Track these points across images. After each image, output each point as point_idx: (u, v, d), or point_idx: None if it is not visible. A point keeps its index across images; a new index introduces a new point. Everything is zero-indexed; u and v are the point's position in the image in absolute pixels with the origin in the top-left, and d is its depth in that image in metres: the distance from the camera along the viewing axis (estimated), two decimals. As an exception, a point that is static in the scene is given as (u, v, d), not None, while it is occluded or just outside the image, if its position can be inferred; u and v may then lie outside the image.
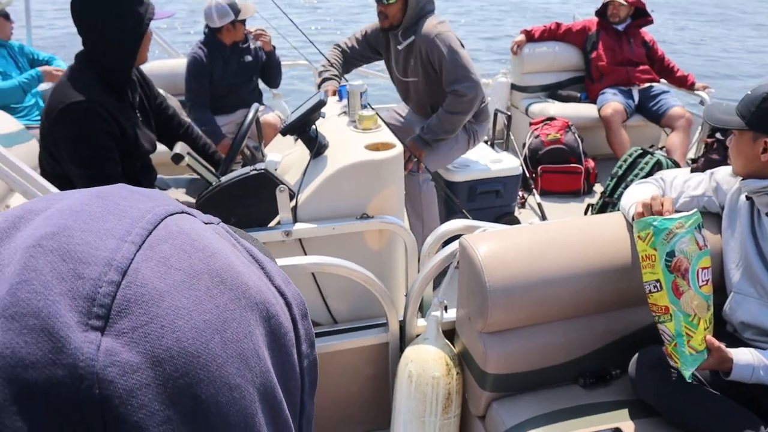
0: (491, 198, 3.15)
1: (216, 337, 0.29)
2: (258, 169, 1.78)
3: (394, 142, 2.02)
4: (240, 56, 3.43)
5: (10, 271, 0.27)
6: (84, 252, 0.28)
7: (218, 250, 0.33)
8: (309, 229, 1.88)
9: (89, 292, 0.27)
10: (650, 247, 1.49)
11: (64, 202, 0.31)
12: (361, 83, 2.20)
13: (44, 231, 0.28)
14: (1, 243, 0.29)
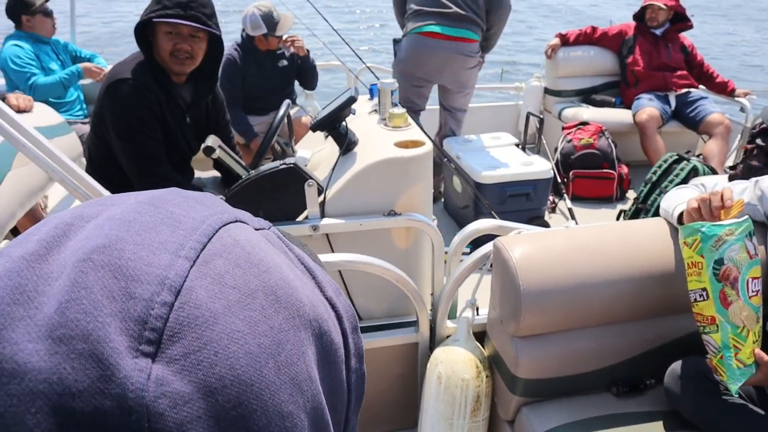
0: (521, 201, 3.10)
1: (270, 362, 0.28)
2: (288, 163, 1.78)
3: (423, 139, 2.01)
4: (275, 61, 3.44)
5: (59, 286, 0.25)
6: (136, 268, 0.26)
7: (273, 264, 0.31)
8: (336, 224, 1.87)
9: (141, 314, 0.25)
10: (697, 254, 1.42)
11: (116, 210, 0.30)
12: (393, 81, 2.19)
13: (95, 243, 0.27)
14: (49, 253, 0.27)
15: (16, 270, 0.26)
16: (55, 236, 0.28)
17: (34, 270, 0.26)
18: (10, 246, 0.28)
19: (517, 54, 11.52)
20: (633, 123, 3.87)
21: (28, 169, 2.28)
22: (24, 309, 0.25)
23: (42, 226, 0.29)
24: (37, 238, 0.28)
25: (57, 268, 0.26)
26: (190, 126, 2.10)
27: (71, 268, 0.26)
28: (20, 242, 0.28)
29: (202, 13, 1.90)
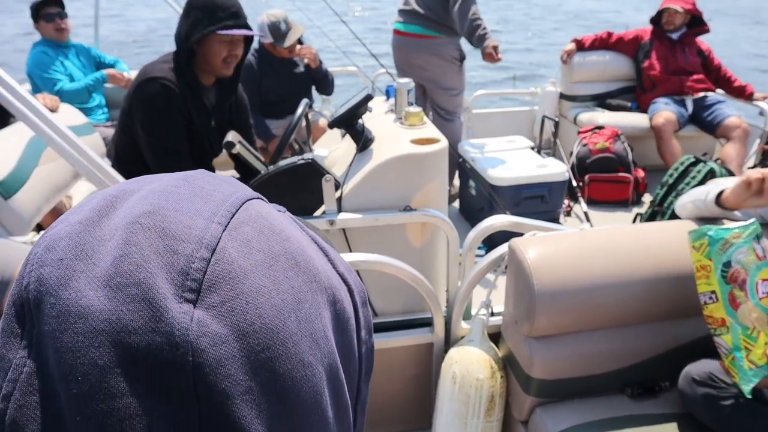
0: (536, 203, 3.11)
1: (292, 316, 0.31)
2: (305, 158, 1.82)
3: (439, 137, 2.03)
4: (291, 67, 3.47)
5: (113, 244, 0.30)
6: (177, 230, 0.30)
7: (292, 235, 0.35)
8: (353, 219, 1.90)
9: (183, 266, 0.29)
10: (705, 257, 1.44)
11: (155, 184, 0.34)
12: (408, 80, 2.23)
13: (141, 209, 0.31)
14: (101, 219, 0.31)
15: (75, 232, 0.31)
16: (104, 206, 0.32)
17: (90, 232, 0.31)
18: (67, 215, 0.33)
19: (534, 58, 11.51)
20: (649, 127, 3.86)
21: (54, 166, 2.35)
22: (84, 263, 0.29)
23: (91, 198, 0.33)
24: (89, 208, 0.32)
25: (109, 230, 0.30)
26: (214, 129, 2.18)
27: (122, 230, 0.30)
28: (75, 212, 0.32)
29: (246, 18, 2.04)
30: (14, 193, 2.06)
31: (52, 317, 0.28)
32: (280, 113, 3.50)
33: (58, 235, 0.31)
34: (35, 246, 0.31)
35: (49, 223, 2.53)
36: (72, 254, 0.30)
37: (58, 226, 0.32)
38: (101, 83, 3.49)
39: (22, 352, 0.29)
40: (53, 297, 0.28)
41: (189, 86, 2.04)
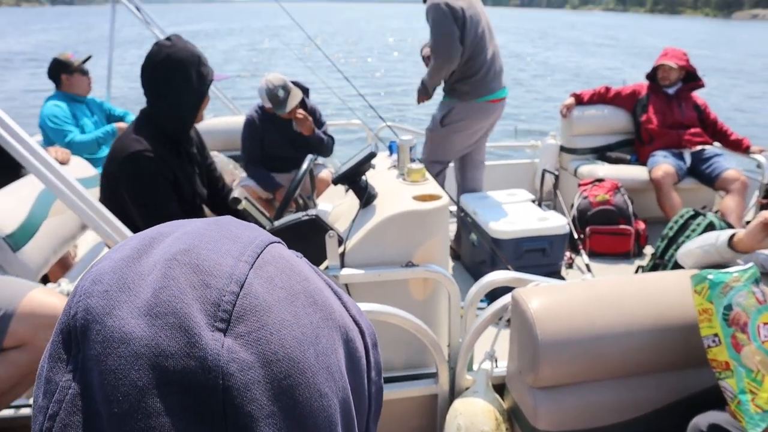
0: (537, 256, 3.13)
1: (311, 349, 0.35)
2: (309, 214, 1.86)
3: (440, 193, 2.08)
4: (292, 126, 3.44)
5: (152, 278, 0.33)
6: (210, 266, 0.34)
7: (310, 276, 0.39)
8: (356, 275, 1.92)
9: (215, 299, 0.33)
10: (706, 300, 1.47)
11: (189, 227, 0.39)
12: (411, 138, 2.29)
13: (178, 248, 0.35)
14: (141, 257, 0.36)
15: (118, 267, 0.35)
16: (144, 245, 0.37)
17: (131, 267, 0.35)
18: (110, 252, 0.37)
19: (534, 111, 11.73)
20: (649, 180, 3.91)
21: (62, 218, 2.39)
22: (126, 295, 0.33)
23: (130, 240, 0.38)
24: (130, 246, 0.37)
25: (148, 266, 0.34)
26: (198, 174, 2.22)
27: (161, 265, 0.34)
28: (117, 250, 0.37)
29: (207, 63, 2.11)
30: (23, 245, 2.09)
31: (98, 342, 0.31)
32: (283, 168, 3.56)
33: (103, 269, 0.35)
34: (82, 279, 0.35)
35: (56, 273, 2.56)
36: (116, 286, 0.33)
37: (103, 263, 0.36)
38: (111, 136, 3.59)
39: (68, 375, 0.32)
40: (99, 324, 0.32)
41: (169, 147, 2.07)
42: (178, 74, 1.98)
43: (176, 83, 1.99)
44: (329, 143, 3.60)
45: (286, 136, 3.47)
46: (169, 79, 1.98)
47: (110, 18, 3.93)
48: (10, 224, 2.06)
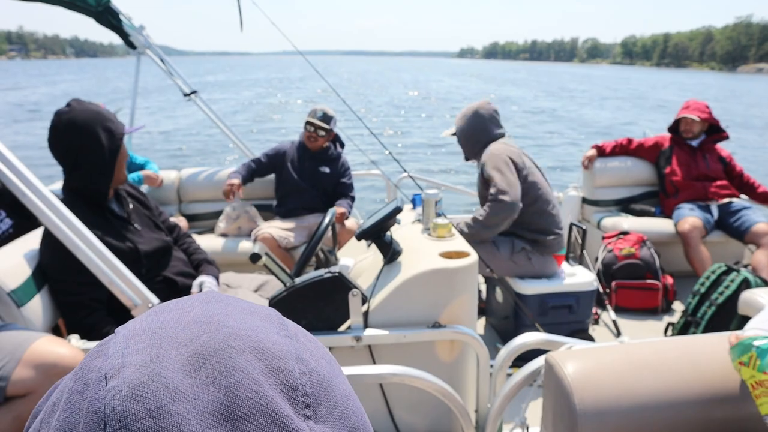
0: (564, 313, 3.01)
1: (364, 414, 0.34)
2: (332, 272, 1.78)
3: (468, 250, 2.00)
4: (317, 163, 3.62)
5: (212, 372, 0.28)
6: (267, 348, 0.30)
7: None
8: (380, 336, 1.83)
9: (291, 383, 0.29)
10: (759, 371, 1.33)
11: (198, 310, 0.33)
12: (436, 192, 2.23)
13: (223, 332, 0.30)
14: (166, 354, 0.29)
15: (153, 375, 0.28)
16: (155, 343, 0.30)
17: (167, 369, 0.29)
18: (120, 362, 0.30)
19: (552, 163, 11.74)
20: (675, 233, 3.81)
21: None
22: (183, 403, 0.27)
23: (135, 340, 0.31)
24: (150, 343, 0.30)
25: (182, 361, 0.29)
26: (143, 227, 2.14)
27: (220, 355, 0.29)
28: (129, 355, 0.30)
29: (116, 121, 2.04)
30: (27, 301, 2.04)
31: None
32: (298, 211, 3.58)
33: (138, 382, 0.27)
34: (109, 404, 0.27)
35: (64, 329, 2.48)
36: (168, 398, 0.27)
37: (125, 373, 0.28)
38: (138, 184, 3.58)
39: None
40: None
41: (96, 212, 2.02)
42: (84, 136, 1.91)
43: (84, 145, 1.92)
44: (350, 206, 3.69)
45: (307, 170, 3.61)
46: (76, 144, 1.92)
47: (135, 69, 3.98)
48: (16, 279, 2.01)
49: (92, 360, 0.30)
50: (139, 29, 3.80)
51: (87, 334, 1.89)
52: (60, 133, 1.92)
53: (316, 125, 3.54)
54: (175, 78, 3.97)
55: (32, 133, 15.04)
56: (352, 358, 1.90)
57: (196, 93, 4.02)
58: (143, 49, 3.85)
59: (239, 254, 3.45)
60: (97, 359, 0.30)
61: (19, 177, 1.75)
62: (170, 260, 2.13)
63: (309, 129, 3.57)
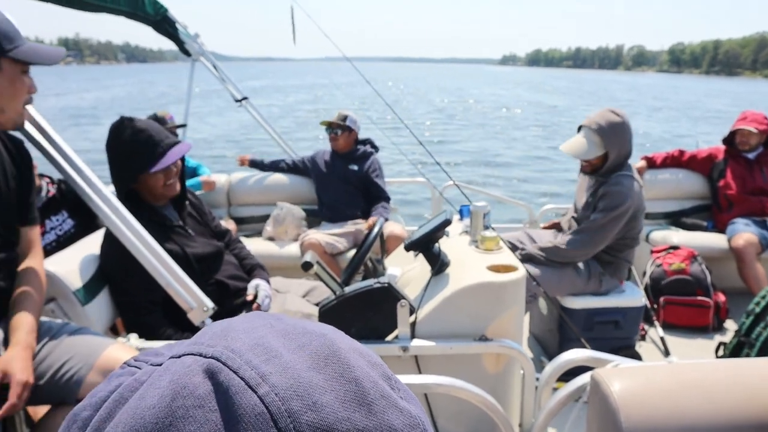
0: (610, 329, 2.95)
1: None
2: (381, 282, 1.80)
3: (516, 264, 1.99)
4: (346, 162, 3.80)
5: (336, 369, 0.33)
6: (358, 348, 0.36)
7: None
8: (427, 347, 1.84)
9: (386, 373, 0.36)
10: None
11: (284, 324, 0.37)
12: (485, 204, 2.22)
13: (327, 338, 0.35)
14: (283, 353, 0.34)
15: (305, 380, 0.33)
16: (269, 351, 0.34)
17: (312, 370, 0.34)
18: (266, 364, 0.34)
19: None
20: (728, 248, 3.69)
21: None
22: (328, 395, 0.32)
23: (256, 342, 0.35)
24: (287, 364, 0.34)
25: (304, 361, 0.33)
26: (196, 232, 2.23)
27: (335, 357, 0.34)
28: (277, 372, 0.34)
29: (165, 137, 2.10)
30: (91, 299, 2.12)
31: None
32: (337, 216, 3.68)
33: (288, 385, 0.32)
34: (271, 405, 0.30)
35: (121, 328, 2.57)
36: (316, 393, 0.31)
37: (270, 379, 0.31)
38: (196, 189, 3.70)
39: None
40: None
41: (153, 221, 2.09)
42: (117, 161, 2.02)
43: (115, 159, 2.03)
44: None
45: (339, 171, 3.79)
46: (114, 158, 2.02)
47: (189, 76, 4.11)
48: (80, 279, 2.09)
49: (193, 377, 0.32)
50: (194, 37, 3.92)
51: (144, 333, 1.95)
52: (108, 147, 2.04)
53: (333, 125, 3.72)
54: (227, 84, 4.08)
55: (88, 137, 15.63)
56: (398, 368, 1.91)
57: (247, 99, 4.12)
58: (197, 56, 3.97)
59: (285, 258, 3.51)
60: (202, 378, 0.32)
61: (85, 180, 1.83)
62: (222, 264, 2.20)
63: (327, 131, 3.79)
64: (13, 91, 1.42)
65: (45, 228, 2.88)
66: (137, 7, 3.33)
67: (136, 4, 3.32)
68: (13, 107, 1.45)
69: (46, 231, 2.88)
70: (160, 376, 0.33)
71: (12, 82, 1.41)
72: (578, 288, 2.92)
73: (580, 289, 2.92)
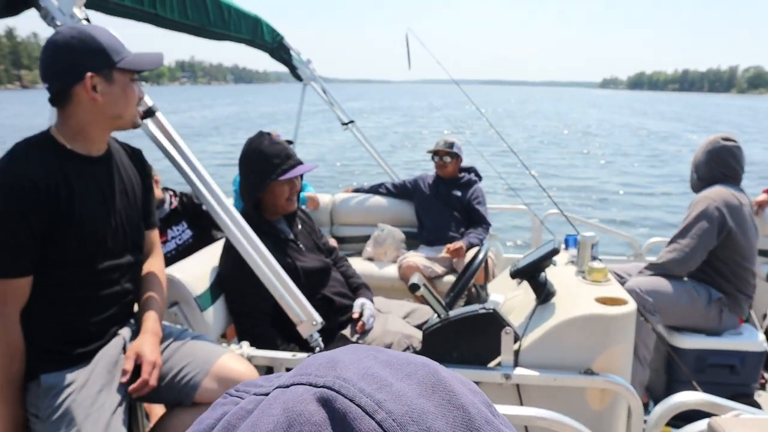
0: (724, 373, 2.76)
1: None
2: (487, 308, 1.81)
3: (626, 298, 1.93)
4: (450, 188, 3.83)
5: (444, 396, 0.35)
6: (459, 377, 0.38)
7: None
8: (530, 376, 1.82)
9: (486, 401, 0.37)
10: None
11: (386, 355, 0.40)
12: (593, 234, 2.18)
13: (430, 367, 0.37)
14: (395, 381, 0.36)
15: (420, 408, 0.35)
16: (396, 376, 0.37)
17: (428, 398, 0.36)
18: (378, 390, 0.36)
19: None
20: None
21: None
22: (440, 421, 0.34)
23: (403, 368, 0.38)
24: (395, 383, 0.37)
25: (417, 388, 0.36)
26: (306, 248, 2.34)
27: (441, 385, 0.36)
28: (383, 388, 0.36)
29: (295, 155, 2.28)
30: (209, 306, 2.27)
31: None
32: (436, 241, 3.67)
33: (403, 411, 0.34)
34: (389, 430, 0.33)
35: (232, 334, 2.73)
36: (429, 419, 0.33)
37: (386, 406, 0.33)
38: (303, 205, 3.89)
39: None
40: None
41: (267, 234, 2.21)
42: (242, 174, 2.21)
43: (245, 176, 2.22)
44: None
45: (442, 194, 3.83)
46: (249, 165, 2.21)
47: (300, 98, 4.32)
48: (200, 286, 2.25)
49: (308, 405, 0.34)
50: (306, 63, 4.13)
51: (254, 342, 2.07)
52: (240, 162, 2.24)
53: (441, 152, 3.80)
54: (334, 107, 4.26)
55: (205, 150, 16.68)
56: (498, 396, 1.90)
57: (353, 122, 4.28)
58: (308, 81, 4.18)
59: (383, 279, 3.59)
60: (316, 406, 0.34)
61: (210, 193, 1.96)
62: (328, 280, 2.29)
63: (435, 159, 3.86)
64: (126, 98, 1.57)
65: (167, 237, 3.13)
66: (257, 36, 3.58)
67: (256, 33, 3.56)
68: (129, 112, 1.61)
69: (167, 240, 3.12)
70: (271, 405, 0.34)
71: (124, 90, 1.56)
72: (695, 319, 2.76)
73: (697, 321, 2.77)
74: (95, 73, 1.49)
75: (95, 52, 1.49)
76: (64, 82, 1.48)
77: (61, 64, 1.48)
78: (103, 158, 1.63)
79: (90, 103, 1.50)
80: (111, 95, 1.53)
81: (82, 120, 1.53)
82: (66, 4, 1.73)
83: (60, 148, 1.53)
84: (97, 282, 1.61)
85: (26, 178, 1.42)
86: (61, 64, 1.48)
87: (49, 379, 1.52)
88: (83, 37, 1.48)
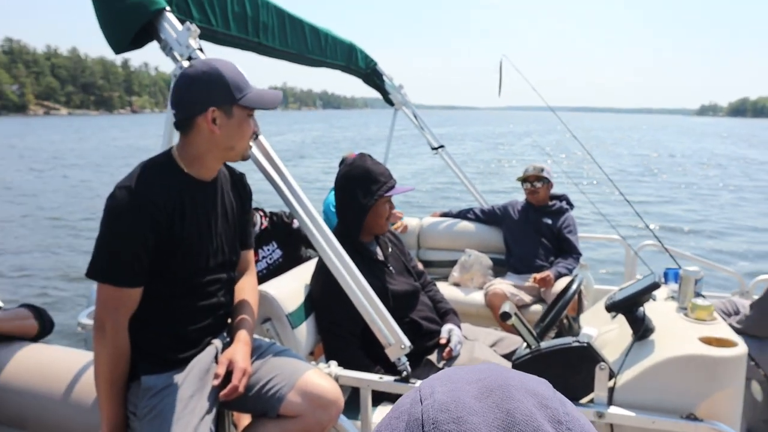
0: None
1: None
2: (581, 342, 1.75)
3: (734, 339, 1.80)
4: (541, 215, 3.76)
5: (497, 400, 0.39)
6: (537, 391, 0.40)
7: None
8: (625, 417, 1.73)
9: (557, 417, 0.38)
10: None
11: (480, 366, 0.45)
12: (698, 269, 2.06)
13: (504, 376, 0.41)
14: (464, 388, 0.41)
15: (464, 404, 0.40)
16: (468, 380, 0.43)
17: (474, 402, 0.40)
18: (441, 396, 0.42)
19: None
20: None
21: None
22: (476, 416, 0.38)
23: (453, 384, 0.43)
24: (474, 386, 0.42)
25: (476, 394, 0.40)
26: (396, 271, 2.38)
27: (500, 390, 0.39)
28: (449, 392, 0.42)
29: None
30: (300, 324, 2.33)
31: None
32: (523, 269, 3.59)
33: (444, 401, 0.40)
34: (425, 413, 0.39)
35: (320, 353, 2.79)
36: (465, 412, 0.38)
37: (435, 395, 0.41)
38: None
39: None
40: None
41: (360, 254, 2.26)
42: (346, 191, 2.28)
43: (344, 197, 2.30)
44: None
45: (531, 222, 3.77)
46: (339, 196, 2.31)
47: (391, 123, 4.41)
48: (292, 304, 2.31)
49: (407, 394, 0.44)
50: (398, 88, 4.22)
51: (342, 362, 2.10)
52: (336, 185, 2.32)
53: (531, 178, 3.75)
54: (425, 133, 4.31)
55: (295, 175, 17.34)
56: (591, 435, 1.82)
57: (443, 147, 4.31)
58: (400, 106, 4.26)
59: (469, 305, 3.55)
60: (410, 393, 0.43)
61: (307, 213, 2.01)
62: (417, 304, 2.30)
63: (525, 185, 3.80)
64: (240, 132, 1.66)
65: (258, 257, 3.24)
66: (351, 62, 3.70)
67: (350, 59, 3.69)
68: (241, 145, 1.70)
69: (258, 259, 3.24)
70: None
71: (240, 125, 1.65)
72: None
73: None
74: (217, 108, 1.59)
75: (220, 87, 1.59)
76: (189, 111, 1.60)
77: (189, 95, 1.60)
78: (212, 183, 1.73)
79: (209, 134, 1.61)
80: (228, 128, 1.62)
81: (200, 148, 1.64)
82: (183, 35, 1.88)
83: (179, 172, 1.65)
84: (197, 295, 1.71)
85: (149, 199, 1.53)
86: (189, 96, 1.59)
87: (149, 380, 1.62)
88: (212, 72, 1.59)
